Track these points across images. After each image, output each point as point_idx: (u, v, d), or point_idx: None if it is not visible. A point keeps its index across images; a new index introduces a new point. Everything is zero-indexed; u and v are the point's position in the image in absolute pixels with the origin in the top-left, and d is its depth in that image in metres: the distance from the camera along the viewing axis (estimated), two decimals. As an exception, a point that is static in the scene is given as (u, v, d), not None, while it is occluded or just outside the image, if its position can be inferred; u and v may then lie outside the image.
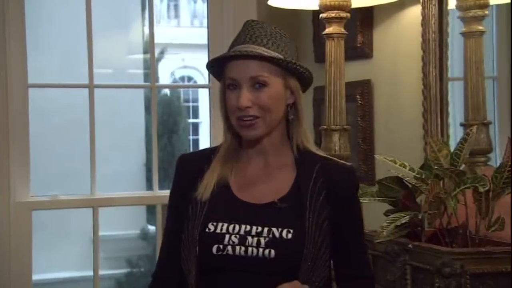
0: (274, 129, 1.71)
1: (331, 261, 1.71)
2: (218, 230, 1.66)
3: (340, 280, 1.75)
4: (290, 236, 1.63)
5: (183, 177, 1.77)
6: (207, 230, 1.66)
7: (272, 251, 1.62)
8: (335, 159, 1.79)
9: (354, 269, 1.74)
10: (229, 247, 1.64)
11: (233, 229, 1.65)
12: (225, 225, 1.66)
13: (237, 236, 1.64)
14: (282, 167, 1.73)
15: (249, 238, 1.64)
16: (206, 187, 1.71)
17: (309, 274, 1.64)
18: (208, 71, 1.78)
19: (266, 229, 1.64)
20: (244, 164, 1.74)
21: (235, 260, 1.63)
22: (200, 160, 1.77)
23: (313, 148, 1.75)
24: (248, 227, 1.65)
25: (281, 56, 1.66)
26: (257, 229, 1.64)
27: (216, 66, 1.72)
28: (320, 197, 1.68)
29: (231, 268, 1.64)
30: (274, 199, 1.68)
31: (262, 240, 1.63)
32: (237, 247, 1.63)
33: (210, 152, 1.78)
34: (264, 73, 1.65)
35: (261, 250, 1.62)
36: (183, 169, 1.79)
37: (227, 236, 1.65)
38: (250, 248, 1.63)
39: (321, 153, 1.77)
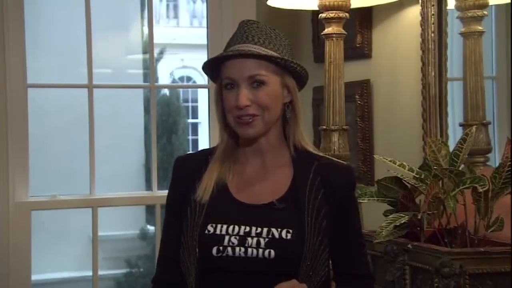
0: (271, 128, 1.71)
1: (330, 260, 1.71)
2: (217, 232, 1.65)
3: (338, 279, 1.75)
4: (289, 236, 1.63)
5: (181, 179, 1.77)
6: (206, 231, 1.66)
7: (272, 252, 1.62)
8: (332, 158, 1.80)
9: (353, 267, 1.74)
10: (229, 248, 1.63)
11: (233, 230, 1.65)
12: (224, 226, 1.66)
13: (237, 237, 1.64)
14: (279, 167, 1.73)
15: (249, 239, 1.63)
16: (205, 189, 1.70)
17: (309, 273, 1.64)
18: (204, 71, 1.76)
19: (265, 230, 1.64)
20: (242, 165, 1.74)
21: (235, 261, 1.63)
22: (197, 162, 1.76)
23: (310, 147, 1.75)
24: (248, 228, 1.65)
25: (277, 55, 1.66)
26: (256, 229, 1.64)
27: (212, 67, 1.72)
28: (318, 196, 1.68)
29: (231, 269, 1.64)
30: (272, 199, 1.68)
31: (262, 241, 1.63)
32: (237, 248, 1.63)
33: (207, 153, 1.78)
34: (262, 72, 1.65)
35: (261, 250, 1.62)
36: (180, 171, 1.78)
37: (226, 237, 1.64)
38: (250, 249, 1.63)
39: (318, 152, 1.77)
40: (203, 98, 9.78)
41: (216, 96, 1.73)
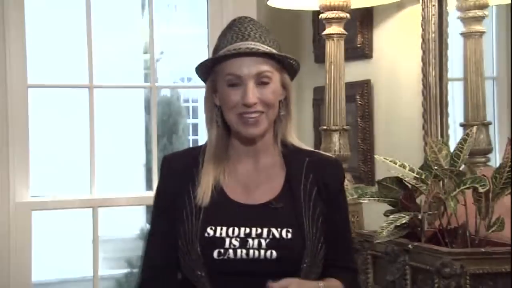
0: (269, 128, 1.70)
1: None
2: (217, 234, 1.63)
3: (325, 269, 1.72)
4: (290, 235, 1.63)
5: (171, 179, 1.73)
6: (206, 234, 1.63)
7: (274, 252, 1.61)
8: (320, 152, 1.82)
9: (341, 260, 1.73)
10: (230, 251, 1.61)
11: (233, 232, 1.63)
12: (224, 228, 1.64)
13: (238, 239, 1.62)
14: (272, 166, 1.73)
15: (250, 240, 1.62)
16: (204, 193, 1.67)
17: (309, 271, 1.64)
18: (199, 70, 1.72)
19: (265, 230, 1.63)
20: (234, 165, 1.72)
21: (236, 263, 1.62)
22: (187, 162, 1.73)
23: (296, 142, 1.75)
24: (248, 230, 1.63)
25: (277, 52, 1.66)
26: (256, 230, 1.63)
27: (207, 66, 1.70)
28: (312, 194, 1.68)
29: (232, 272, 1.62)
30: (268, 199, 1.68)
31: (263, 242, 1.62)
32: (238, 251, 1.61)
33: (195, 153, 1.74)
34: (268, 69, 1.65)
35: (262, 251, 1.61)
36: (170, 171, 1.74)
37: (227, 240, 1.62)
38: (251, 251, 1.61)
39: (306, 147, 1.77)
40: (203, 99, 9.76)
41: (208, 95, 1.72)
